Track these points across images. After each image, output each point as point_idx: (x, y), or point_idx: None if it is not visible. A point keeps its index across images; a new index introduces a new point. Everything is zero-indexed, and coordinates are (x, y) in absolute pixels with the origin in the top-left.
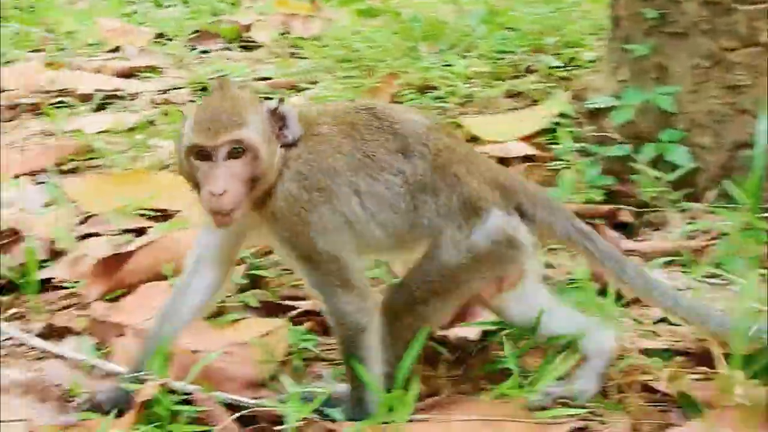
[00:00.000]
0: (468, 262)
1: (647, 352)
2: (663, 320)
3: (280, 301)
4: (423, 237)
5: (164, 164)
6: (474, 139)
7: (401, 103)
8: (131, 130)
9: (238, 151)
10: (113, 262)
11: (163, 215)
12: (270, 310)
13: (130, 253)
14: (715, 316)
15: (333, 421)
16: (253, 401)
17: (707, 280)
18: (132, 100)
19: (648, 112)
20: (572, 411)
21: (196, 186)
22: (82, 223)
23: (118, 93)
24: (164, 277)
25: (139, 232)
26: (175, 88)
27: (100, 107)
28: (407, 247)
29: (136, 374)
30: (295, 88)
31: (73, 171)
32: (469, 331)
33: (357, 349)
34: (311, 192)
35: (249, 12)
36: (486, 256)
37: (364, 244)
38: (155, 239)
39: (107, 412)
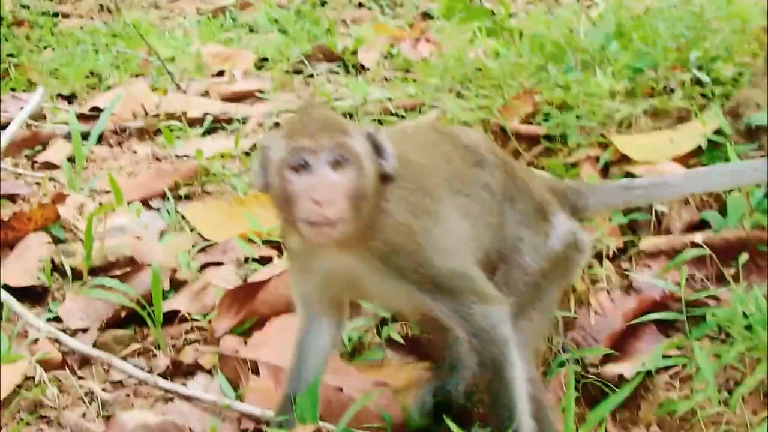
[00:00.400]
0: (547, 266)
1: None
2: None
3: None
4: (498, 252)
5: None
6: (625, 159)
7: (534, 123)
8: (246, 154)
9: (341, 161)
10: (244, 293)
11: None
12: (413, 346)
13: (262, 283)
14: None
15: None
16: None
17: None
18: (243, 123)
19: None
20: None
21: (289, 208)
22: (202, 251)
23: (227, 117)
24: None
25: (265, 260)
26: (285, 112)
27: (210, 131)
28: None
29: (283, 418)
30: (417, 110)
31: (187, 197)
32: (624, 369)
33: (506, 369)
34: (421, 218)
35: (347, 38)
36: (561, 261)
37: None
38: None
39: None
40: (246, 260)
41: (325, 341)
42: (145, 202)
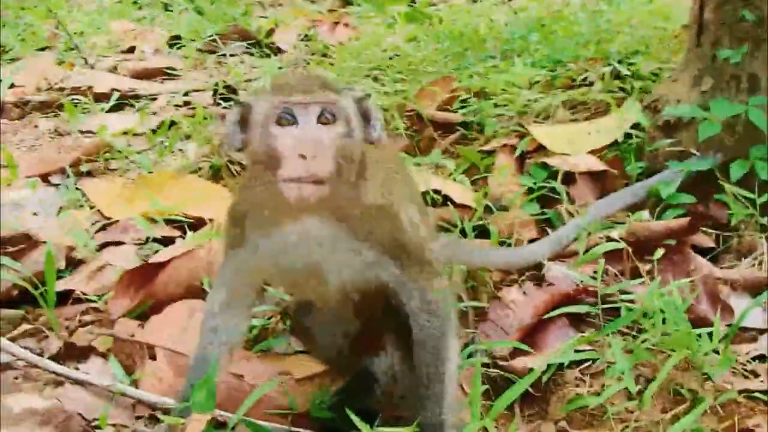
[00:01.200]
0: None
1: (746, 393)
2: (761, 358)
3: None
4: None
5: (193, 167)
6: (541, 149)
7: (450, 109)
8: (153, 132)
9: (328, 117)
10: (143, 274)
11: (195, 223)
12: None
13: (162, 264)
14: None
15: None
16: None
17: None
18: (152, 100)
19: (733, 125)
20: None
21: (272, 166)
22: (101, 229)
23: (135, 94)
24: (201, 292)
25: (167, 241)
26: (196, 90)
27: (116, 108)
28: None
29: (182, 406)
30: None
31: (90, 174)
32: (534, 362)
33: (444, 347)
34: (398, 190)
35: (265, 21)
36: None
37: None
38: (191, 249)
39: None
40: (147, 240)
41: (236, 328)
42: (45, 178)
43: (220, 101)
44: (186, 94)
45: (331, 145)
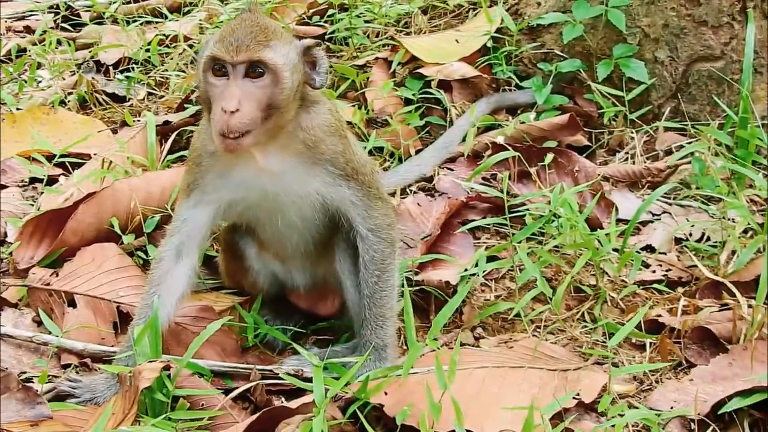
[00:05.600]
0: None
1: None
2: (648, 248)
3: None
4: None
5: (61, 99)
6: (412, 60)
7: (310, 23)
8: (2, 62)
9: (257, 72)
10: (47, 221)
11: (76, 161)
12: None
13: (68, 210)
14: None
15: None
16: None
17: (681, 202)
18: None
19: (595, 26)
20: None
21: (209, 106)
22: None
23: None
24: (113, 236)
25: (51, 180)
26: (32, 12)
27: None
28: None
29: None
30: (180, 10)
31: None
32: (448, 275)
33: (391, 268)
34: (341, 122)
35: None
36: None
37: None
38: (95, 191)
39: (83, 401)
40: (31, 181)
41: (185, 275)
42: None
43: (64, 24)
44: (22, 19)
45: (256, 100)
